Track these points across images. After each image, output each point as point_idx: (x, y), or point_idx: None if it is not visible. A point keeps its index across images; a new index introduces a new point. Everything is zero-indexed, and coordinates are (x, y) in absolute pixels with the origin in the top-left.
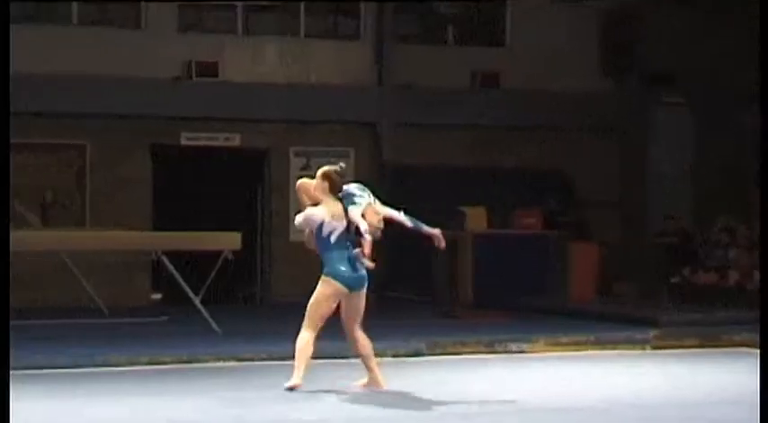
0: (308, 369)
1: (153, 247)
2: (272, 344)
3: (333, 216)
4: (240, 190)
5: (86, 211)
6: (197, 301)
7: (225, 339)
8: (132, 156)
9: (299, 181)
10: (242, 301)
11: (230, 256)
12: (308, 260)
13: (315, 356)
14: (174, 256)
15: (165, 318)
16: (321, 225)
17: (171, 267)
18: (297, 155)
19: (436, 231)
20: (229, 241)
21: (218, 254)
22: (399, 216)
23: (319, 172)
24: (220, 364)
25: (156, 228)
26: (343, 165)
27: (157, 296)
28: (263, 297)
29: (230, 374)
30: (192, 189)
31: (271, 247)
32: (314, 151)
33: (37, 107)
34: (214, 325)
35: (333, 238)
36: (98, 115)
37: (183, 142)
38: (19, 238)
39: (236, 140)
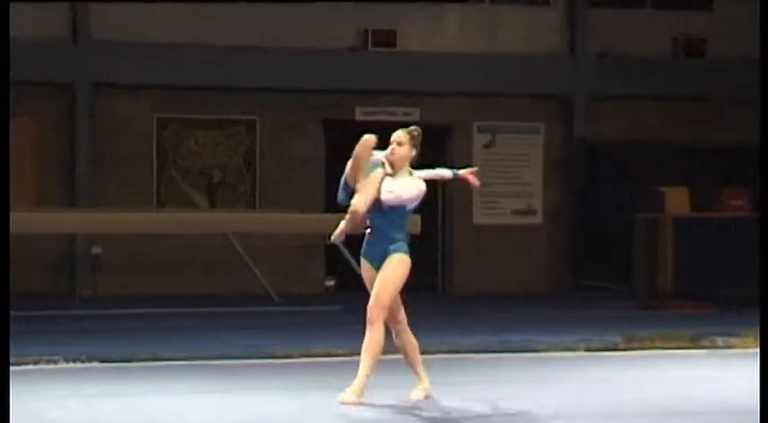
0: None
1: (326, 229)
2: (454, 336)
3: None
4: (419, 168)
5: (256, 192)
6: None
7: None
8: (304, 132)
9: (369, 140)
10: (421, 290)
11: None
12: (494, 246)
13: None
14: (349, 239)
15: (339, 306)
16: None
17: (346, 252)
18: (481, 130)
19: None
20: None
21: None
22: (435, 173)
23: (406, 137)
24: (399, 357)
25: (330, 209)
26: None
27: (331, 283)
28: (444, 286)
29: (408, 369)
30: None
31: (453, 231)
32: (499, 126)
33: (205, 81)
34: None
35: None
36: (269, 89)
37: (358, 117)
38: (185, 220)
39: (415, 115)
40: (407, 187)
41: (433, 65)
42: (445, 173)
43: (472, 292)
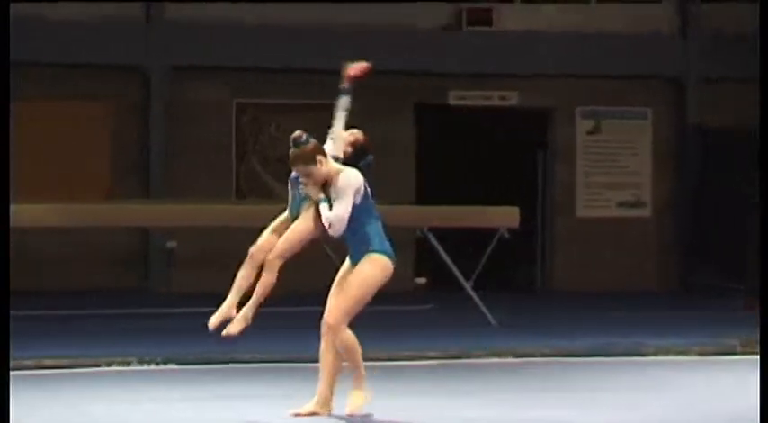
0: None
1: (416, 223)
2: (554, 338)
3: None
4: (518, 157)
5: None
6: (468, 287)
7: (500, 332)
8: (393, 117)
9: None
10: (520, 287)
11: (506, 235)
12: (598, 241)
13: None
14: (441, 233)
15: (430, 306)
16: (365, 188)
17: (438, 247)
18: (584, 116)
19: None
20: (505, 217)
21: (492, 232)
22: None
23: (301, 165)
24: (495, 360)
25: (421, 201)
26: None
27: (421, 280)
28: (544, 284)
29: (507, 373)
30: (462, 156)
31: (554, 224)
32: (604, 111)
33: (287, 63)
34: (488, 315)
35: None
36: None
37: (452, 102)
38: (266, 213)
39: (513, 99)
40: (337, 204)
41: (532, 45)
42: (339, 103)
43: (574, 290)
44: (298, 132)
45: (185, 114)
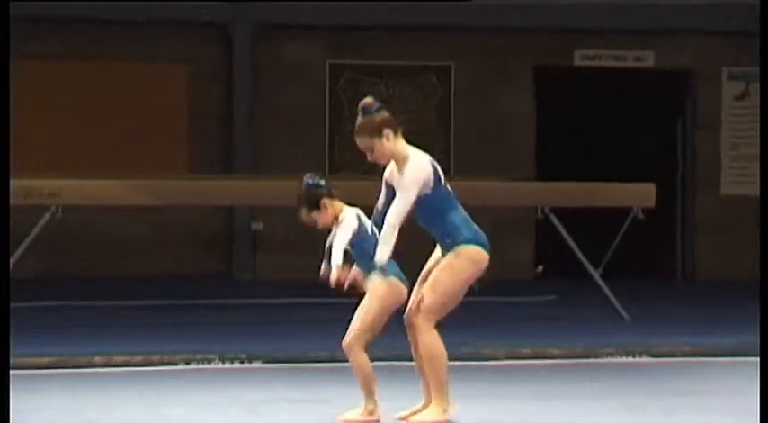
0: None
1: (536, 202)
2: (697, 334)
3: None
4: (654, 126)
5: (450, 154)
6: (596, 276)
7: (634, 327)
8: (511, 81)
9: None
10: (656, 276)
11: (640, 216)
12: (747, 222)
13: None
14: (565, 214)
15: (552, 296)
16: (437, 174)
17: (561, 229)
18: (732, 78)
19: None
20: (639, 195)
21: (623, 212)
22: None
23: (373, 123)
24: (628, 359)
25: (542, 177)
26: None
27: (541, 268)
28: (684, 271)
29: (641, 374)
30: (588, 125)
31: (695, 203)
32: (755, 73)
33: (388, 19)
34: (619, 307)
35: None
36: (467, 28)
37: (578, 63)
38: (363, 190)
39: (648, 60)
40: (399, 197)
41: None
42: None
43: (719, 279)
44: (368, 99)
45: (272, 78)
